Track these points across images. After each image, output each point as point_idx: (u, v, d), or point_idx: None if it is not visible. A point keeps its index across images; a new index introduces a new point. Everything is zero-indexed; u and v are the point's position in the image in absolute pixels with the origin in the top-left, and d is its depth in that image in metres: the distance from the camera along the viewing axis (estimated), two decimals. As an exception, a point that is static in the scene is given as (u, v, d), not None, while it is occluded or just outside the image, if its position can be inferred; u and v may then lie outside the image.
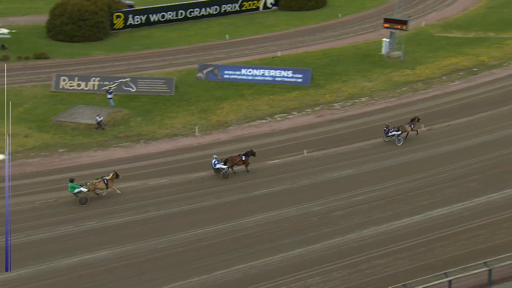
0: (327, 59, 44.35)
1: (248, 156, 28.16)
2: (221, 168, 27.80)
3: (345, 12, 57.97)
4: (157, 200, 25.89)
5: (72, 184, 25.23)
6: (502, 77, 40.08)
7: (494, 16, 53.41)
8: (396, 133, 30.99)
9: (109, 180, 25.71)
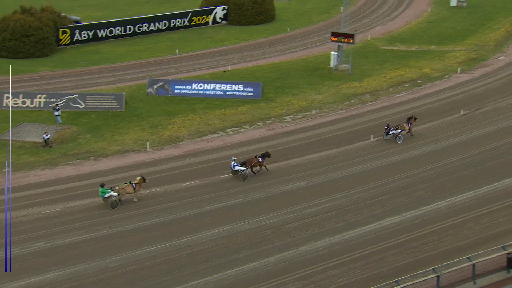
0: (277, 72, 44.79)
1: (264, 157, 29.29)
2: (240, 170, 28.67)
3: (294, 26, 58.80)
4: (108, 218, 25.30)
5: (102, 189, 25.98)
6: (444, 88, 41.48)
7: (434, 30, 55.37)
8: (396, 131, 32.66)
9: (137, 184, 26.53)
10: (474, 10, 60.94)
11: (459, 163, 30.15)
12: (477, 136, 33.27)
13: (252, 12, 59.35)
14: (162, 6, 66.07)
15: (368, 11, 63.56)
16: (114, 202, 25.89)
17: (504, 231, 23.92)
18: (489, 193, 27.05)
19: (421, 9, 62.97)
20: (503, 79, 42.52)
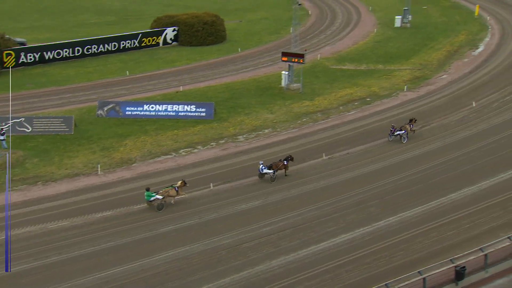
0: (230, 92, 45.00)
1: (287, 161, 31.23)
2: (268, 172, 30.57)
3: (245, 47, 59.36)
4: (58, 244, 24.57)
5: (148, 193, 27.69)
6: (392, 106, 42.65)
7: (381, 49, 57.05)
8: (400, 132, 35.19)
9: (179, 187, 28.35)
10: (417, 31, 63.20)
11: (408, 178, 30.95)
12: (425, 152, 34.28)
13: (203, 33, 59.59)
14: (111, 27, 65.48)
15: (317, 32, 64.93)
16: (160, 204, 27.70)
17: (452, 244, 24.63)
18: (437, 208, 27.85)
19: (368, 30, 64.82)
20: (447, 96, 44.12)
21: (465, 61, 52.95)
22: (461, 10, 72.68)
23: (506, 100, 41.79)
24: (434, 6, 75.01)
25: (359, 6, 76.26)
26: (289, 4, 68.43)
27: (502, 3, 74.30)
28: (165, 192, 27.93)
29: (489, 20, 66.59)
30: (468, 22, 66.41)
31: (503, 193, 28.95)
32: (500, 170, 31.36)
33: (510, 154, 33.45)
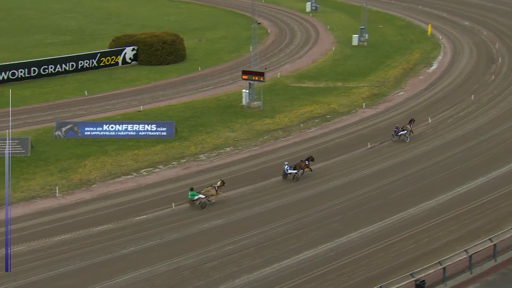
0: (190, 111, 44.89)
1: (309, 161, 33.44)
2: (293, 172, 32.65)
3: (205, 66, 59.46)
4: (13, 270, 23.74)
5: (192, 193, 29.57)
6: (352, 122, 43.36)
7: (339, 67, 58.11)
8: (403, 132, 38.10)
9: (219, 187, 30.21)
10: (374, 49, 64.71)
11: (369, 194, 31.41)
12: (384, 168, 34.90)
13: (162, 52, 59.43)
14: (68, 47, 64.52)
15: (276, 50, 65.67)
16: (204, 203, 29.65)
17: (412, 258, 25.03)
18: (397, 223, 28.32)
19: (326, 48, 65.97)
20: (404, 113, 45.16)
21: (420, 78, 54.43)
22: (414, 29, 74.86)
23: (459, 116, 43.08)
24: (389, 25, 77.03)
25: (317, 25, 77.64)
26: (248, 23, 69.11)
27: (453, 23, 76.95)
28: (206, 192, 29.84)
29: (441, 39, 68.82)
30: (421, 40, 68.43)
31: (459, 207, 29.70)
32: (456, 184, 32.18)
33: (465, 169, 34.40)
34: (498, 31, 71.22)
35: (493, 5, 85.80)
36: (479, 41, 67.26)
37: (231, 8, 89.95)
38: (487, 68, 56.28)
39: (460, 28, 74.06)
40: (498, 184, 32.09)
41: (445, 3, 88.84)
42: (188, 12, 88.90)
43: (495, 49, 63.11)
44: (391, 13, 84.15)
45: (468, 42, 66.96)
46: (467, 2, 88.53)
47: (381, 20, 79.39)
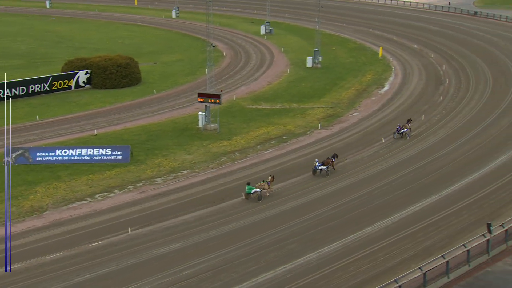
0: (146, 134, 44.47)
1: (334, 158, 37.08)
2: (323, 168, 36.28)
3: (160, 88, 59.19)
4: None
5: (249, 187, 32.98)
6: (307, 143, 43.87)
7: (294, 89, 58.91)
8: (404, 130, 42.65)
9: (270, 182, 33.53)
10: (328, 71, 65.99)
11: (326, 214, 31.73)
12: (340, 188, 35.37)
13: (117, 75, 58.88)
14: (19, 71, 63.00)
15: (232, 72, 66.09)
16: (260, 196, 32.90)
17: (369, 277, 25.34)
18: (354, 242, 28.67)
19: (281, 70, 66.84)
20: (358, 133, 46.06)
21: (373, 99, 55.74)
22: (366, 51, 76.86)
23: (411, 136, 44.24)
24: (341, 47, 78.83)
25: (271, 47, 78.68)
26: (203, 46, 69.40)
27: (402, 46, 79.43)
28: (261, 186, 33.13)
29: (392, 61, 70.87)
30: (373, 62, 70.27)
31: (413, 225, 30.35)
32: (410, 203, 32.92)
33: (418, 187, 35.25)
34: (445, 53, 73.95)
35: (439, 29, 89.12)
36: (427, 63, 69.59)
37: (186, 31, 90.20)
38: (435, 89, 58.19)
39: (409, 50, 76.49)
40: (449, 202, 33.01)
41: (394, 26, 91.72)
42: (142, 35, 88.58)
43: (442, 71, 65.41)
44: (343, 36, 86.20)
45: (417, 64, 69.17)
46: (415, 26, 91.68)
47: (334, 42, 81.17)
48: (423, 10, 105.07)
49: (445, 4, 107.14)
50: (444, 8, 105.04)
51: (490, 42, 78.76)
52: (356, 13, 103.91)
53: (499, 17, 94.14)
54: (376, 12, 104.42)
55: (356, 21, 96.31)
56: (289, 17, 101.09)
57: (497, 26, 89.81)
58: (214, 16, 59.11)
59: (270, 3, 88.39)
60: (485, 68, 65.60)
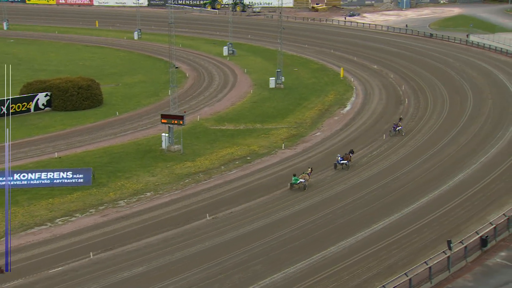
0: (109, 157, 43.85)
1: (352, 153, 42.36)
2: (344, 162, 41.03)
3: (123, 110, 58.61)
4: None
5: (295, 178, 37.66)
6: (272, 163, 44.02)
7: (258, 109, 59.24)
8: (399, 128, 48.80)
9: (310, 173, 38.24)
10: (291, 91, 66.67)
11: (291, 234, 31.78)
12: (305, 207, 35.54)
13: (78, 97, 58.06)
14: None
15: (195, 93, 66.03)
16: (305, 185, 37.54)
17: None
18: (319, 262, 28.77)
19: (244, 91, 67.18)
20: (322, 153, 46.52)
21: (335, 119, 56.52)
22: (328, 72, 78.07)
23: (373, 155, 44.98)
24: (304, 68, 79.87)
25: (234, 68, 79.10)
26: (166, 67, 69.20)
27: (363, 66, 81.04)
28: (303, 177, 37.53)
29: (353, 81, 72.18)
30: (335, 83, 71.39)
31: (376, 243, 30.69)
32: (373, 221, 33.32)
33: (381, 206, 35.73)
34: (403, 74, 75.76)
35: (398, 50, 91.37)
36: (387, 83, 71.14)
37: (149, 53, 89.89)
38: (395, 109, 59.43)
39: (370, 71, 78.08)
40: (411, 220, 33.57)
41: (354, 47, 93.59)
42: (104, 57, 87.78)
43: (401, 91, 66.96)
44: (305, 57, 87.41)
45: (377, 84, 70.63)
46: (375, 47, 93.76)
47: (296, 63, 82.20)
48: (382, 32, 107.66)
49: (403, 27, 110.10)
50: (402, 30, 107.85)
51: (446, 63, 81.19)
52: (317, 35, 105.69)
53: (453, 39, 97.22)
54: (337, 34, 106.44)
55: (317, 43, 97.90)
56: (252, 38, 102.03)
57: (451, 47, 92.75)
58: (176, 37, 59.21)
59: (233, 25, 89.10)
60: (441, 88, 67.49)
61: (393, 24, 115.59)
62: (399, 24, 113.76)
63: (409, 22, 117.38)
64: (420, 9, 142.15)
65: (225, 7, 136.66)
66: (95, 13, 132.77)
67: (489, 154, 44.56)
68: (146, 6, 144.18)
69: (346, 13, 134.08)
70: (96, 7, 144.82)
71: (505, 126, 51.67)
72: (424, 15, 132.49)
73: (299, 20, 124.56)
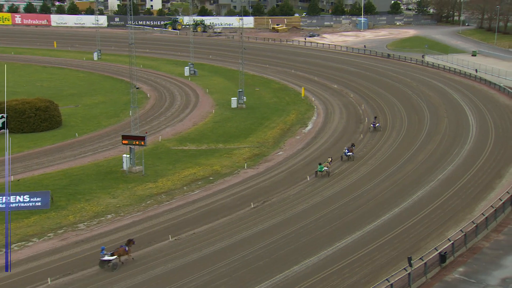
0: (68, 179, 42.99)
1: (353, 146, 50.28)
2: (350, 154, 48.69)
3: (82, 132, 57.71)
4: None
5: (320, 166, 43.43)
6: (234, 183, 43.99)
7: (220, 129, 59.31)
8: (378, 125, 57.34)
9: (331, 162, 44.68)
10: (253, 111, 67.07)
11: (254, 254, 31.70)
12: (268, 227, 35.57)
13: (36, 119, 56.90)
14: None
15: (157, 114, 65.65)
16: (328, 172, 44.08)
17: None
18: (283, 281, 28.77)
19: (206, 111, 67.20)
20: (284, 172, 46.80)
21: (297, 138, 57.05)
22: (289, 91, 78.98)
23: (334, 174, 45.51)
24: (265, 88, 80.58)
25: (196, 88, 79.14)
26: (127, 87, 68.72)
27: (323, 86, 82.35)
28: (326, 165, 44.19)
29: (314, 101, 73.20)
30: (296, 102, 72.24)
31: (339, 261, 30.95)
32: (335, 239, 33.60)
33: (342, 224, 36.10)
34: (363, 93, 77.33)
35: (357, 70, 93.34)
36: (347, 102, 72.43)
37: (109, 73, 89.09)
38: (356, 128, 60.49)
39: (330, 90, 79.39)
40: (372, 237, 34.01)
41: (315, 67, 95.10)
42: (63, 78, 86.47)
43: (361, 110, 68.25)
44: (266, 77, 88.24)
45: (338, 103, 71.81)
46: (335, 67, 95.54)
47: (257, 83, 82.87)
48: (342, 52, 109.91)
49: (361, 47, 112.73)
50: (361, 50, 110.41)
51: (403, 82, 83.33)
52: (278, 55, 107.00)
53: (410, 60, 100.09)
54: (297, 54, 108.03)
55: (278, 63, 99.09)
56: (213, 59, 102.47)
57: (408, 67, 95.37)
58: (137, 58, 58.96)
59: (194, 45, 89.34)
60: (400, 107, 69.14)
61: (351, 44, 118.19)
62: (357, 45, 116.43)
63: (367, 42, 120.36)
64: (377, 30, 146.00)
65: (186, 27, 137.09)
66: (53, 33, 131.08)
67: (446, 171, 45.73)
68: (106, 27, 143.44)
69: (306, 34, 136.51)
70: (54, 28, 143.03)
71: (461, 143, 53.23)
72: (381, 36, 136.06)
73: (260, 40, 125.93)
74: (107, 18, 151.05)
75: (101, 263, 29.44)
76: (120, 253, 29.93)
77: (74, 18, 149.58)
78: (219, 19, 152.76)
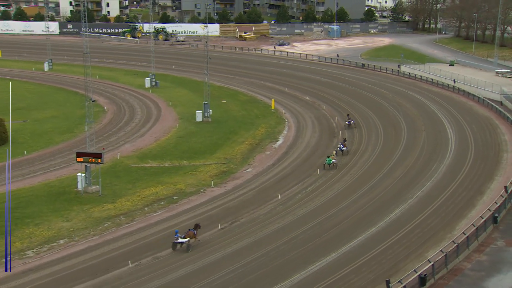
0: (15, 201, 42.00)
1: (345, 140, 57.26)
2: (344, 149, 55.11)
3: (32, 149, 56.67)
4: None
5: (328, 159, 49.07)
6: (200, 203, 43.74)
7: (184, 145, 59.05)
8: (352, 121, 65.47)
9: (338, 153, 50.85)
10: (219, 125, 67.05)
11: (222, 279, 31.48)
12: (236, 250, 35.42)
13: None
14: None
15: (115, 129, 65.01)
16: (336, 164, 49.30)
17: None
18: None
19: (169, 125, 66.87)
20: (253, 190, 46.78)
21: (267, 153, 57.20)
22: (258, 104, 79.31)
23: (307, 191, 45.72)
24: (232, 100, 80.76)
25: (158, 101, 78.77)
26: (81, 100, 67.94)
27: (294, 98, 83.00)
28: (333, 157, 50.39)
29: (285, 113, 73.65)
30: (266, 115, 72.56)
31: (313, 286, 30.94)
32: (309, 262, 33.64)
33: (317, 245, 36.19)
34: (336, 105, 78.23)
35: (330, 81, 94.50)
36: (320, 115, 73.10)
37: (61, 85, 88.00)
38: (329, 142, 61.02)
39: (302, 102, 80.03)
40: (349, 259, 34.18)
41: (285, 78, 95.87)
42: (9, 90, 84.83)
43: (335, 123, 68.96)
44: (234, 88, 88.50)
45: (310, 116, 72.40)
46: (306, 78, 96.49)
47: (224, 95, 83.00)
48: (313, 62, 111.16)
49: (334, 56, 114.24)
50: (333, 60, 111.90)
51: (379, 93, 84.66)
52: (246, 65, 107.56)
53: (385, 70, 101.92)
54: (266, 64, 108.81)
55: (246, 73, 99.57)
56: (176, 69, 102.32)
57: (383, 78, 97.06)
58: (93, 68, 58.39)
59: (155, 55, 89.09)
60: (375, 119, 70.11)
61: (324, 53, 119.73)
62: (330, 54, 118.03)
63: (340, 51, 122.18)
64: (351, 39, 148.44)
65: (147, 35, 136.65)
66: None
67: (425, 188, 46.42)
68: (58, 34, 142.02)
69: (276, 42, 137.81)
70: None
71: (439, 158, 54.19)
72: (355, 44, 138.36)
73: (226, 49, 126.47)
74: (59, 25, 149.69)
75: (174, 245, 34.52)
76: (190, 236, 34.82)
77: (22, 25, 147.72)
78: (182, 26, 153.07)
